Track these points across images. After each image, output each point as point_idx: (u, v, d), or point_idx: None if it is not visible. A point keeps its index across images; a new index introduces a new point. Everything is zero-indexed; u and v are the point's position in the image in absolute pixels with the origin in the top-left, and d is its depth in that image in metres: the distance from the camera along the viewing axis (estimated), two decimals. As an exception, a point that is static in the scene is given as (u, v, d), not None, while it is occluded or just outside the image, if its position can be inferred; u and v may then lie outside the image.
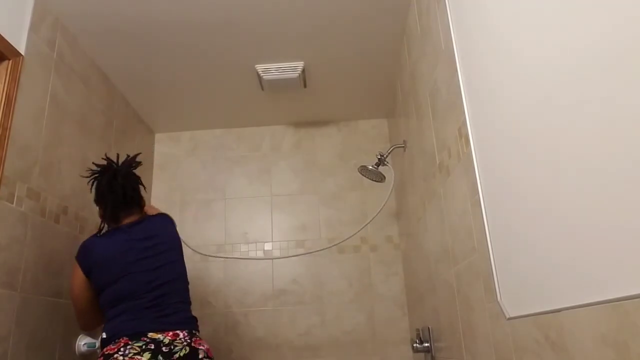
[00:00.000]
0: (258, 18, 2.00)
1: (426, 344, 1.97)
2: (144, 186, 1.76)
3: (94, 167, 1.69)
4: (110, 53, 2.19)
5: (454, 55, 1.36)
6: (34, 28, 1.75)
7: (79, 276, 1.59)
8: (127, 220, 1.66)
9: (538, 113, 0.86)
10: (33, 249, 1.68)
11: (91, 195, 2.12)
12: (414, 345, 2.01)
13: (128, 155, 1.73)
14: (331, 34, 2.13)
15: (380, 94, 2.69)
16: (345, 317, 2.63)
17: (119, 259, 1.56)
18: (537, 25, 0.85)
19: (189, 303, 1.63)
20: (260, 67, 2.34)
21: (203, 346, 1.48)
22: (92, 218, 2.11)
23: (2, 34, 1.58)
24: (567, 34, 0.75)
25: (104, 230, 1.68)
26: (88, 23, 1.97)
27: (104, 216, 1.68)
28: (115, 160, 1.69)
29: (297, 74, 2.36)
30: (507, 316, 1.07)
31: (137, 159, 1.73)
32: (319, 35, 2.14)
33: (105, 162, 1.69)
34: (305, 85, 2.53)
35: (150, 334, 1.42)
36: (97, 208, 1.72)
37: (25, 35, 1.71)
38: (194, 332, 1.52)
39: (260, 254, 2.77)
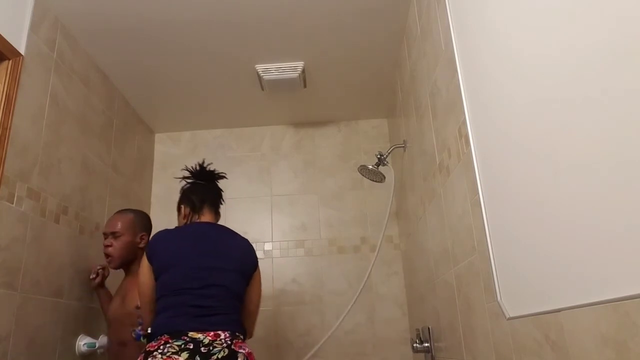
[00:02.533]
0: (258, 18, 2.00)
1: (426, 344, 1.97)
2: (224, 201, 1.82)
3: (186, 172, 1.77)
4: (110, 53, 2.19)
5: (454, 55, 1.36)
6: (34, 28, 1.75)
7: (144, 264, 1.55)
8: (206, 219, 1.68)
9: (538, 113, 0.86)
10: (33, 249, 1.68)
11: (91, 195, 2.13)
12: (414, 345, 2.01)
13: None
14: (331, 34, 2.13)
15: (380, 94, 2.69)
16: (345, 317, 2.63)
17: (176, 245, 1.53)
18: (537, 25, 0.85)
19: (237, 312, 1.54)
20: (260, 67, 2.34)
21: (244, 350, 1.41)
22: (92, 218, 2.11)
23: (2, 34, 1.58)
24: (567, 34, 0.75)
25: None
26: (88, 23, 1.97)
27: (188, 213, 1.69)
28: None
29: (297, 74, 2.36)
30: (507, 316, 1.07)
31: (225, 177, 1.85)
32: (319, 35, 2.14)
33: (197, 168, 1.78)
34: (305, 85, 2.53)
35: (191, 333, 1.38)
36: (177, 213, 1.75)
37: (25, 35, 1.71)
38: (237, 334, 1.45)
39: (260, 254, 2.76)
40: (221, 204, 1.78)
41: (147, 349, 1.38)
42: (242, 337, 1.48)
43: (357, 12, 1.99)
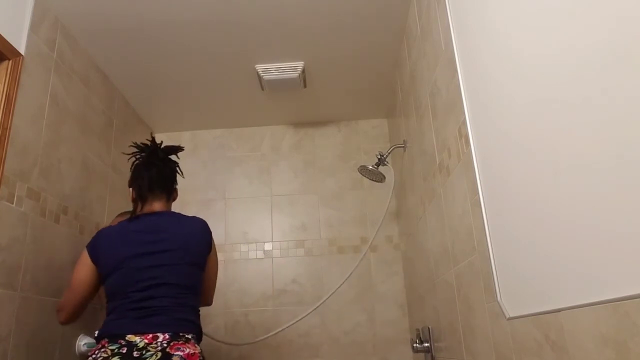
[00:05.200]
0: (258, 18, 2.00)
1: (426, 344, 1.97)
2: (181, 173, 1.69)
3: (137, 146, 1.64)
4: (110, 53, 2.19)
5: (454, 55, 1.36)
6: (34, 28, 1.75)
7: (83, 261, 1.51)
8: (153, 207, 1.58)
9: (538, 113, 0.86)
10: (33, 249, 1.68)
11: (91, 195, 2.13)
12: (414, 345, 2.01)
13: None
14: (331, 33, 2.13)
15: (380, 94, 2.69)
16: (346, 317, 2.63)
17: (120, 249, 1.47)
18: (537, 25, 0.85)
19: (189, 307, 1.46)
20: (260, 67, 2.34)
21: (182, 352, 1.31)
22: (92, 218, 2.11)
23: (2, 34, 1.58)
24: (567, 33, 0.75)
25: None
26: (88, 23, 1.97)
27: (135, 198, 1.60)
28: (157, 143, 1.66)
29: (297, 74, 2.36)
30: (507, 316, 1.07)
31: (181, 149, 1.70)
32: (319, 35, 2.14)
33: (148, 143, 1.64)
34: (305, 85, 2.53)
35: (128, 337, 1.32)
36: (131, 191, 1.63)
37: (25, 35, 1.71)
38: (180, 334, 1.37)
39: (260, 254, 2.77)
40: (176, 182, 1.67)
41: (89, 354, 1.35)
42: (189, 336, 1.39)
43: (357, 12, 1.99)
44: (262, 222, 2.83)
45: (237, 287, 2.69)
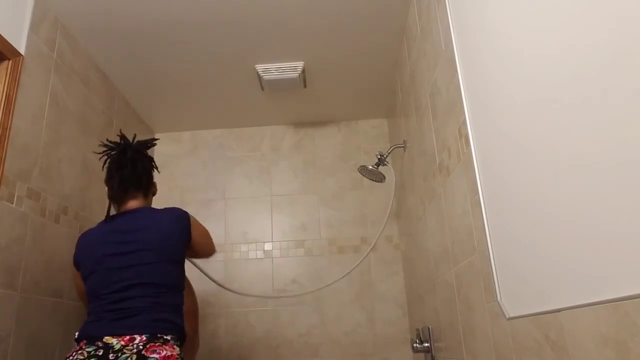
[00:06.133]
0: (258, 18, 2.00)
1: (426, 344, 1.97)
2: (156, 168, 1.66)
3: (106, 145, 1.61)
4: (110, 53, 2.19)
5: (454, 55, 1.36)
6: (34, 28, 1.75)
7: (73, 269, 1.55)
8: (129, 206, 1.56)
9: (538, 113, 0.86)
10: (33, 249, 1.68)
11: (91, 195, 2.13)
12: (414, 345, 2.01)
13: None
14: (331, 33, 2.13)
15: (380, 94, 2.69)
16: (346, 317, 2.63)
17: (95, 251, 1.46)
18: (537, 25, 0.85)
19: (168, 306, 1.42)
20: (260, 67, 2.34)
21: (158, 354, 1.28)
22: (92, 218, 2.11)
23: (2, 34, 1.58)
24: (567, 33, 0.75)
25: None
26: (88, 23, 1.97)
27: (109, 197, 1.57)
28: (129, 139, 1.61)
29: (297, 74, 2.36)
30: (507, 316, 1.07)
31: (154, 142, 1.66)
32: (319, 35, 2.14)
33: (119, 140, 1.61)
34: (305, 85, 2.53)
35: (105, 338, 1.30)
36: (107, 189, 1.60)
37: (25, 35, 1.71)
38: (158, 335, 1.33)
39: (260, 254, 2.77)
40: (152, 176, 1.63)
41: (66, 356, 1.35)
42: (167, 337, 1.35)
43: (357, 12, 1.99)
44: (262, 222, 2.83)
45: (237, 287, 2.69)
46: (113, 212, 1.59)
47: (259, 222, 2.83)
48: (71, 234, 1.94)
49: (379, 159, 2.36)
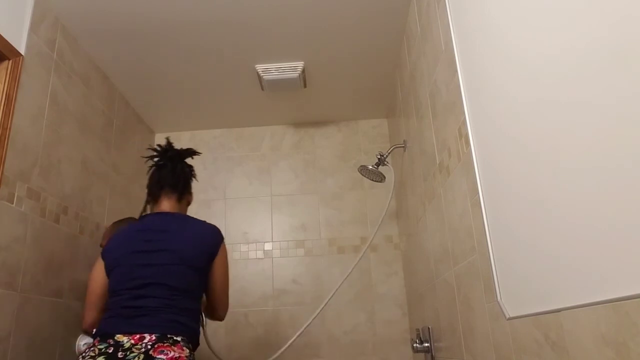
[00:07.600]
0: (258, 18, 2.00)
1: (426, 344, 1.97)
2: (195, 177, 1.70)
3: (153, 148, 1.66)
4: (110, 53, 2.19)
5: (454, 55, 1.36)
6: (34, 28, 1.75)
7: (98, 260, 1.52)
8: (163, 207, 1.57)
9: (538, 112, 0.86)
10: (33, 249, 1.68)
11: (91, 195, 2.13)
12: (414, 345, 2.00)
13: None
14: (331, 34, 2.13)
15: (380, 94, 2.69)
16: (345, 317, 2.63)
17: (123, 246, 1.47)
18: (537, 25, 0.85)
19: (180, 309, 1.40)
20: (260, 67, 2.34)
21: (165, 355, 1.26)
22: (92, 218, 2.11)
23: (2, 34, 1.58)
24: (567, 33, 0.75)
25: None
26: (88, 23, 1.97)
27: (149, 199, 1.61)
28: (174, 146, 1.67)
29: (297, 74, 2.36)
30: (507, 316, 1.07)
31: (196, 152, 1.71)
32: (319, 35, 2.14)
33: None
34: (305, 85, 2.53)
35: (117, 336, 1.30)
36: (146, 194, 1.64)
37: (25, 35, 1.71)
38: (168, 336, 1.32)
39: (260, 254, 2.77)
40: (190, 183, 1.68)
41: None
42: (177, 338, 1.33)
43: (357, 12, 1.99)
44: (262, 222, 2.83)
45: (237, 287, 2.69)
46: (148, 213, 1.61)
47: (259, 222, 2.83)
48: (71, 234, 1.94)
49: (379, 159, 2.36)
